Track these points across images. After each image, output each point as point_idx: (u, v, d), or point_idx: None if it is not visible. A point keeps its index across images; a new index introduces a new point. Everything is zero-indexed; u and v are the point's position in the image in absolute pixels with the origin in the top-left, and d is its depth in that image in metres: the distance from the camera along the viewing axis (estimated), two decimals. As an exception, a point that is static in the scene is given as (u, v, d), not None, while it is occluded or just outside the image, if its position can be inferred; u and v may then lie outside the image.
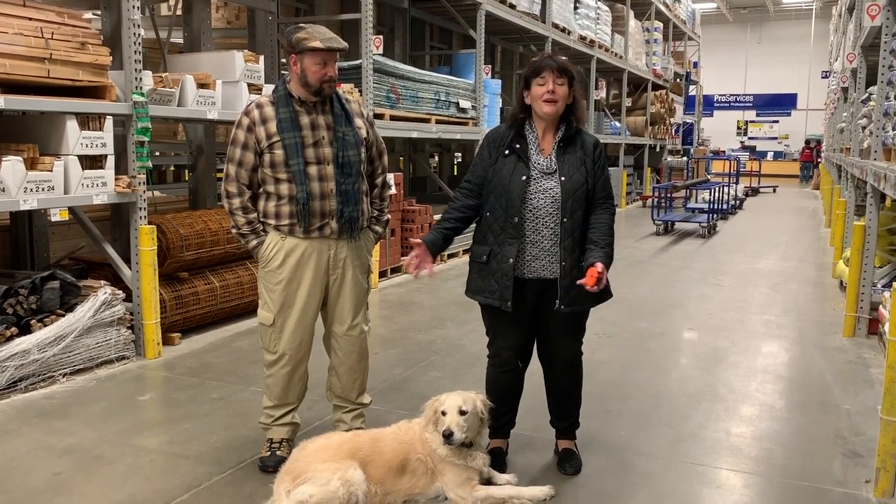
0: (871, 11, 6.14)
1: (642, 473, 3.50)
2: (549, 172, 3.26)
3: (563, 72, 3.22)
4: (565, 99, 3.25)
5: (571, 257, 3.23)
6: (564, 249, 3.22)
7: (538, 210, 3.23)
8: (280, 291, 3.39)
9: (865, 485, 3.40)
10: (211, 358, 5.23)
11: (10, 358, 4.35)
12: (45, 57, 4.47)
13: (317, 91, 3.34)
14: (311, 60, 3.29)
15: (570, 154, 3.28)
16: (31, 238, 5.76)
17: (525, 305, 3.29)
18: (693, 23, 23.92)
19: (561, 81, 3.22)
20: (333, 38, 3.34)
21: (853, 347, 5.66)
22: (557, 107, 3.24)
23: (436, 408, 3.12)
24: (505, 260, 3.23)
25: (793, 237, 12.40)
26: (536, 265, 3.25)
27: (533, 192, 3.23)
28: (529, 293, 3.28)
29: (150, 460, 3.57)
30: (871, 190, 5.76)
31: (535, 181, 3.24)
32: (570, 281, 3.21)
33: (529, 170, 3.25)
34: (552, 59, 3.25)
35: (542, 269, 3.26)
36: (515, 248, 3.23)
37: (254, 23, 7.79)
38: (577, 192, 3.22)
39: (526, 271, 3.26)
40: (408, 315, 6.59)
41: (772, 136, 35.08)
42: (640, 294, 7.52)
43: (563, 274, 3.22)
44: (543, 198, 3.23)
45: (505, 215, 3.24)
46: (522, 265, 3.25)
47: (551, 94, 3.20)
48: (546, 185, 3.24)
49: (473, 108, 9.79)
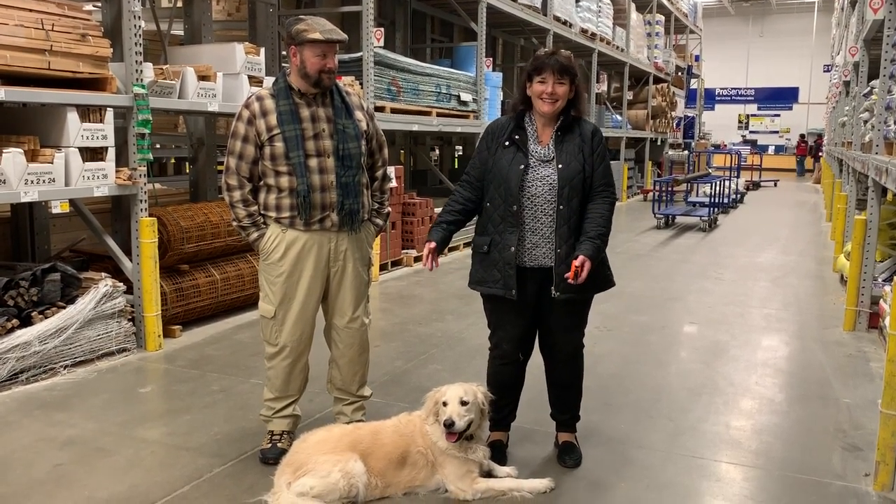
0: (874, 5, 6.12)
1: (642, 466, 3.51)
2: (547, 160, 3.27)
3: (564, 72, 3.21)
4: (566, 97, 3.26)
5: (566, 244, 3.22)
6: (560, 237, 3.22)
7: (536, 198, 3.24)
8: (281, 284, 3.39)
9: (865, 478, 3.40)
10: (212, 350, 5.24)
11: (11, 350, 4.36)
12: (45, 49, 4.46)
13: (316, 82, 3.33)
14: (311, 52, 3.29)
15: (567, 142, 3.28)
16: (32, 230, 5.76)
17: (527, 295, 3.29)
18: (695, 16, 23.87)
19: (562, 81, 3.22)
20: (333, 29, 3.34)
21: (853, 341, 5.67)
22: (557, 106, 3.25)
23: (437, 399, 3.13)
24: (506, 248, 3.24)
25: (793, 231, 12.40)
26: (537, 253, 3.26)
27: (531, 179, 3.24)
28: (531, 282, 3.28)
29: (150, 452, 3.58)
30: (872, 184, 5.75)
31: (532, 169, 3.25)
32: (566, 268, 3.20)
33: (528, 158, 3.26)
34: (555, 57, 3.24)
35: (542, 257, 3.26)
36: (516, 237, 3.24)
37: (254, 15, 7.77)
38: (573, 179, 3.22)
39: (526, 259, 3.27)
40: (408, 308, 6.59)
41: (773, 129, 35.02)
42: (640, 287, 7.52)
43: (559, 261, 3.22)
44: (541, 185, 3.24)
45: (504, 204, 3.25)
46: (523, 253, 3.26)
47: (550, 95, 3.22)
48: (543, 172, 3.25)
49: (474, 101, 9.77)
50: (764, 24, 34.28)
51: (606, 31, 14.93)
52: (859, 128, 7.76)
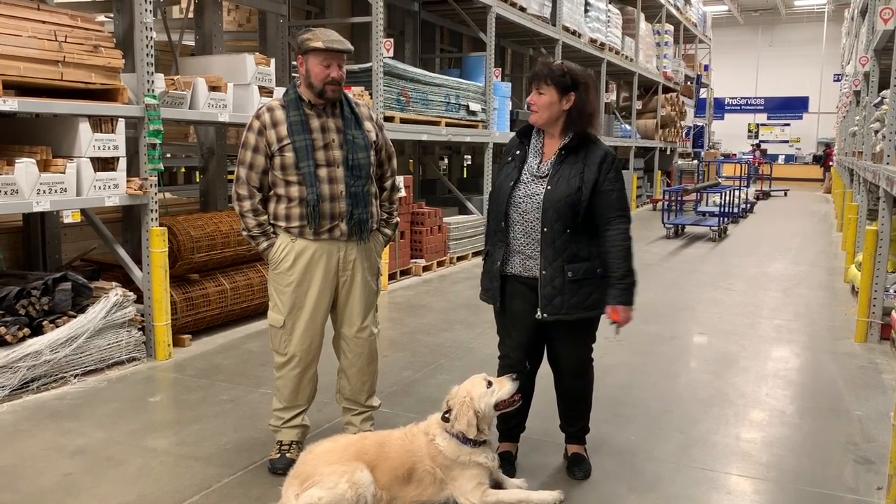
0: (885, 15, 6.10)
1: (652, 478, 3.49)
2: (540, 176, 3.23)
3: (545, 80, 3.16)
4: (550, 107, 3.18)
5: (552, 267, 3.16)
6: (545, 258, 3.18)
7: (526, 214, 3.22)
8: (290, 293, 3.40)
9: (877, 492, 3.37)
10: (221, 359, 5.25)
11: (22, 359, 4.37)
12: (58, 60, 4.50)
13: (319, 93, 3.35)
14: (315, 61, 3.31)
15: (568, 164, 3.19)
16: (44, 239, 5.80)
17: (523, 305, 3.27)
18: (704, 25, 23.86)
19: (543, 91, 3.17)
20: (338, 39, 3.35)
21: (865, 353, 5.62)
22: (541, 116, 3.21)
23: (462, 396, 3.09)
24: (494, 262, 3.30)
25: (804, 241, 12.34)
26: (531, 264, 3.24)
27: (521, 196, 3.23)
28: (525, 293, 3.26)
29: (160, 461, 3.59)
30: (883, 194, 5.72)
31: (523, 185, 3.24)
32: (552, 289, 3.17)
33: (520, 174, 3.26)
34: (541, 65, 3.23)
35: (534, 269, 3.24)
36: (502, 251, 3.27)
37: (265, 25, 7.83)
38: (559, 202, 3.13)
39: (521, 270, 3.26)
40: (417, 318, 6.59)
41: (783, 139, 34.91)
42: (650, 297, 7.49)
43: (544, 282, 3.19)
44: (530, 203, 3.21)
45: (494, 220, 3.30)
46: (513, 265, 3.27)
47: (529, 103, 3.24)
48: (534, 189, 3.22)
49: (483, 111, 9.79)
50: (773, 34, 34.23)
51: (615, 40, 14.94)
52: (870, 138, 7.73)
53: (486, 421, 3.11)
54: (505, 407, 3.16)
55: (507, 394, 3.14)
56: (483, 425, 3.10)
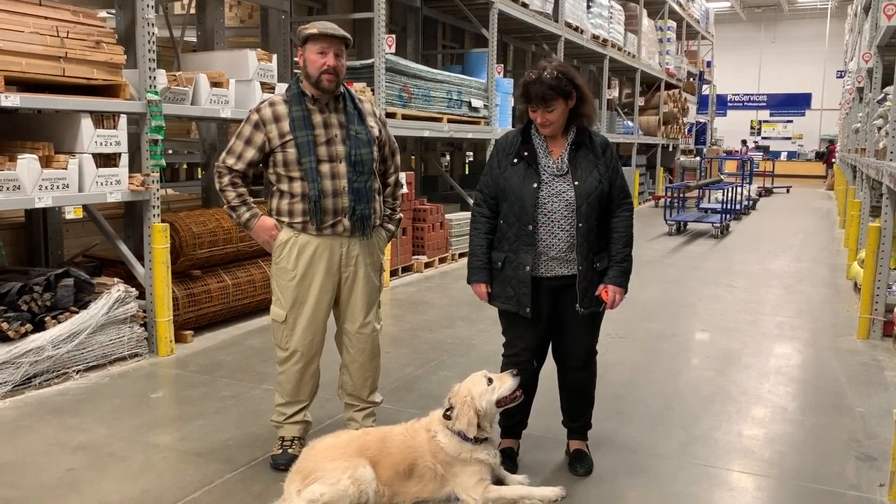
0: (888, 11, 6.09)
1: (654, 475, 3.49)
2: (561, 174, 3.22)
3: (549, 99, 3.11)
4: (562, 117, 3.19)
5: (587, 261, 3.22)
6: (580, 254, 3.21)
7: (553, 214, 3.20)
8: (292, 288, 3.40)
9: (879, 488, 3.37)
10: (223, 355, 5.25)
11: (24, 354, 4.38)
12: (60, 56, 4.50)
13: (316, 82, 3.32)
14: (311, 49, 3.31)
15: (582, 157, 3.23)
16: (46, 235, 5.80)
17: (542, 307, 3.27)
18: (706, 22, 23.81)
19: (550, 108, 3.14)
20: (333, 27, 3.35)
21: (867, 350, 5.62)
22: (553, 128, 3.21)
23: (463, 395, 3.10)
24: (521, 267, 3.21)
25: (806, 238, 12.32)
26: (554, 264, 3.24)
27: (546, 196, 3.20)
28: (548, 293, 3.26)
29: (162, 457, 3.59)
30: (886, 191, 5.72)
31: (546, 185, 3.21)
32: (587, 283, 3.21)
33: (539, 175, 3.22)
34: (539, 83, 3.11)
35: (559, 267, 3.24)
36: (531, 256, 3.20)
37: (267, 21, 7.81)
38: (590, 196, 3.18)
39: (543, 271, 3.24)
40: (419, 314, 6.59)
41: (786, 136, 34.86)
42: (652, 295, 7.49)
43: (581, 277, 3.22)
44: (557, 202, 3.20)
45: (518, 223, 3.21)
46: (539, 266, 3.24)
47: (542, 124, 3.19)
48: (559, 187, 3.21)
49: (485, 108, 9.77)
50: (776, 30, 34.16)
51: (618, 37, 14.90)
52: (873, 134, 7.71)
53: (487, 418, 3.11)
54: (506, 403, 3.16)
55: (508, 390, 3.14)
56: (484, 423, 3.10)
